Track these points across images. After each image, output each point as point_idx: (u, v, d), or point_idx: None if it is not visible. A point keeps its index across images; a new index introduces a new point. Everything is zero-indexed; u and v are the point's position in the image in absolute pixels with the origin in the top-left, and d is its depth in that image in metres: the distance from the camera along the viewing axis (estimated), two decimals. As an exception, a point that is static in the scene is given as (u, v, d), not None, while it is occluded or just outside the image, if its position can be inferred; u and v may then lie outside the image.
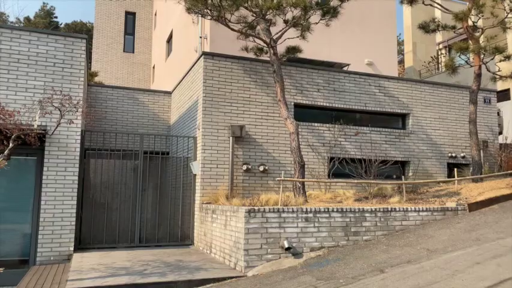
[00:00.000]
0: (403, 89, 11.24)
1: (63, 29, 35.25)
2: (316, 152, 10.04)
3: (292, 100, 10.00)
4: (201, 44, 13.06)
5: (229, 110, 9.49)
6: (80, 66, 8.36)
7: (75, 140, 8.14)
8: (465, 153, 11.55)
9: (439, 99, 11.63)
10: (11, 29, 8.11)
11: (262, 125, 9.73)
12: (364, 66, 14.28)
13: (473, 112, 10.18)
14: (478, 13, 10.09)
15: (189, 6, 8.79)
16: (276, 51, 9.14)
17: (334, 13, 9.53)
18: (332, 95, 10.49)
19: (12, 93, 7.82)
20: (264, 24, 9.09)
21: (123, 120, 12.06)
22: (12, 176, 8.17)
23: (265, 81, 9.89)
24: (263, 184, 9.42)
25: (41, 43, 8.14)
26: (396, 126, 11.33)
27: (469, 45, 10.02)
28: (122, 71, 23.09)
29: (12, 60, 7.91)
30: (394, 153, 10.80)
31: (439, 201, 8.42)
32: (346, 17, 10.24)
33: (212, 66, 9.49)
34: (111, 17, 23.29)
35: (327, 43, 13.58)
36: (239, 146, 9.38)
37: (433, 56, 19.39)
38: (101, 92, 11.98)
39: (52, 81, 8.09)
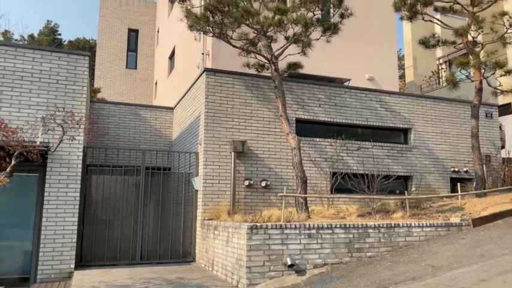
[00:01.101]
0: (404, 104, 11.27)
1: (67, 46, 35.63)
2: (319, 167, 10.01)
3: (293, 115, 10.03)
4: (203, 60, 13.16)
5: (231, 125, 9.51)
6: (82, 83, 8.42)
7: (77, 156, 8.14)
8: (468, 167, 11.50)
9: (440, 114, 11.64)
10: (15, 47, 8.20)
11: (264, 140, 9.73)
12: (365, 81, 14.34)
13: (475, 126, 10.17)
14: (478, 28, 10.18)
15: (191, 23, 8.90)
16: (277, 67, 9.20)
17: (334, 29, 9.62)
18: (333, 110, 10.51)
19: (15, 110, 7.87)
20: (265, 40, 9.17)
21: (125, 136, 12.08)
22: (13, 192, 8.15)
23: (267, 96, 9.93)
24: (265, 200, 9.37)
25: (44, 60, 8.22)
26: (398, 141, 11.31)
27: (470, 60, 10.07)
28: (125, 87, 23.25)
29: (15, 78, 7.97)
30: (397, 168, 10.76)
31: (442, 217, 8.35)
32: (347, 33, 10.32)
33: (214, 82, 9.55)
34: (114, 34, 23.57)
35: (327, 58, 13.67)
36: (241, 162, 9.36)
37: (434, 71, 19.48)
38: (103, 108, 12.04)
39: (55, 98, 8.14)
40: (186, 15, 9.00)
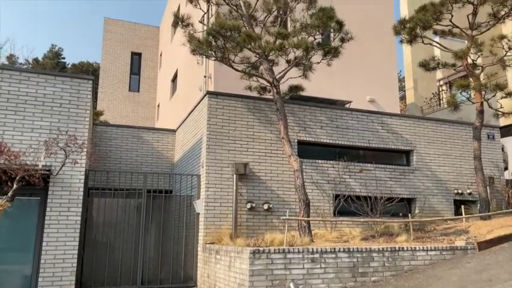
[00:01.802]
0: (406, 126, 11.28)
1: (70, 69, 36.09)
2: (321, 189, 9.96)
3: (295, 137, 10.04)
4: (205, 83, 13.29)
5: (233, 147, 9.51)
6: (85, 106, 8.48)
7: (79, 179, 8.13)
8: (471, 189, 11.42)
9: (442, 136, 11.64)
10: (20, 72, 8.30)
11: (266, 162, 9.72)
12: (366, 103, 14.41)
13: (478, 148, 10.14)
14: (477, 51, 10.28)
15: (194, 48, 9.02)
16: (279, 90, 9.27)
17: (335, 53, 9.73)
18: (335, 132, 10.53)
19: (18, 133, 7.90)
20: (266, 64, 9.27)
21: (127, 158, 12.09)
22: (14, 216, 8.07)
23: (269, 118, 9.97)
24: (267, 223, 9.28)
25: (48, 84, 8.30)
26: (400, 162, 11.28)
27: (470, 82, 10.14)
28: (127, 109, 23.42)
29: (19, 102, 8.04)
30: (400, 190, 10.70)
31: (447, 240, 8.25)
32: (347, 55, 10.43)
33: (216, 104, 9.61)
34: (118, 57, 23.90)
35: (328, 81, 13.78)
36: (243, 184, 9.33)
37: (434, 93, 19.57)
38: (105, 131, 12.09)
39: (58, 122, 8.18)
40: (189, 40, 9.14)
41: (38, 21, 53.40)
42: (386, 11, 15.83)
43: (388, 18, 15.51)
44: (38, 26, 53.11)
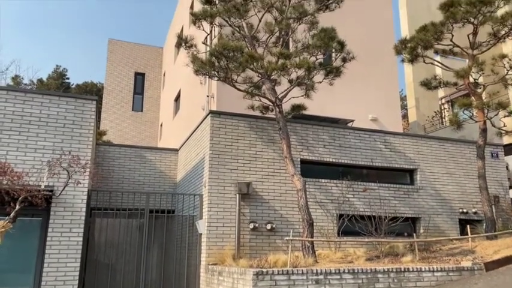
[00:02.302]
0: (409, 145, 11.26)
1: (74, 89, 36.44)
2: (325, 209, 9.88)
3: (298, 156, 10.02)
4: (208, 102, 13.36)
5: (235, 166, 9.49)
6: (89, 126, 8.52)
7: (82, 200, 8.09)
8: (477, 208, 11.30)
9: (445, 154, 11.60)
10: (24, 92, 8.38)
11: (269, 182, 9.67)
12: (368, 122, 14.43)
13: (482, 167, 10.08)
14: (479, 70, 10.33)
15: (197, 68, 9.10)
16: (282, 109, 9.30)
17: (337, 73, 9.81)
18: (338, 151, 10.50)
19: (21, 154, 7.91)
20: (269, 84, 9.33)
21: (129, 178, 12.07)
22: (15, 236, 7.99)
23: (271, 137, 9.98)
24: (271, 243, 9.18)
25: (52, 105, 8.36)
26: (404, 181, 11.21)
27: (472, 101, 10.16)
28: (130, 129, 23.52)
29: (23, 122, 8.09)
30: (404, 209, 10.59)
31: (453, 260, 8.11)
32: (349, 75, 10.50)
33: (219, 124, 9.63)
34: (121, 77, 24.15)
35: (330, 99, 13.83)
36: (246, 204, 9.27)
37: (436, 111, 19.59)
38: (108, 151, 12.11)
39: (61, 142, 8.20)
40: (192, 61, 9.23)
41: (43, 42, 54.27)
42: (387, 31, 16.00)
43: (389, 38, 15.66)
44: (44, 47, 53.94)
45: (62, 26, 55.46)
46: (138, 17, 60.73)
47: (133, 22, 61.19)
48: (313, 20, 9.82)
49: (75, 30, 56.17)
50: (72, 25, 55.55)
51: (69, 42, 55.57)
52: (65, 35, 55.51)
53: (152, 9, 61.34)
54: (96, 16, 58.83)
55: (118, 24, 60.19)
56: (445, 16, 10.08)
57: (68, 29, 55.56)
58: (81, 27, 56.41)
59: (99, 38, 59.36)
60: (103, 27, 58.17)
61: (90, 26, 57.59)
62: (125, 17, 61.30)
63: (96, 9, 59.00)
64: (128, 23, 60.96)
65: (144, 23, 61.12)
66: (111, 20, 59.96)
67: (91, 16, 57.90)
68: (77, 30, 56.40)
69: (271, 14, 9.86)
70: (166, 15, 57.63)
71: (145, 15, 60.54)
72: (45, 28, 54.50)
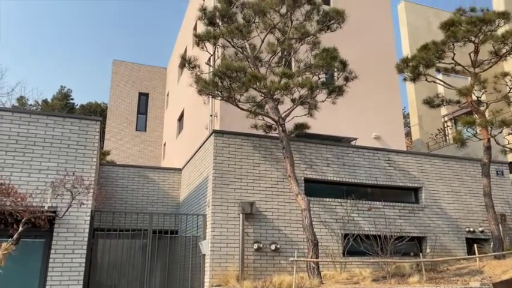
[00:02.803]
0: (413, 163, 11.21)
1: (79, 109, 36.73)
2: (329, 228, 9.78)
3: (302, 175, 9.98)
4: (212, 121, 13.42)
5: (239, 186, 9.46)
6: (93, 147, 8.55)
7: (85, 220, 8.06)
8: (483, 227, 11.16)
9: (450, 172, 11.53)
10: (29, 114, 8.45)
11: (273, 201, 9.61)
12: (371, 140, 14.42)
13: (487, 185, 10.00)
14: (481, 88, 10.36)
15: (201, 88, 9.17)
16: (285, 128, 9.32)
17: (339, 92, 9.86)
18: (342, 170, 10.47)
19: (26, 175, 7.93)
20: (272, 103, 9.38)
21: (132, 198, 12.03)
22: (18, 258, 7.94)
23: (275, 156, 9.97)
24: (275, 264, 9.06)
25: (57, 126, 8.42)
26: (409, 200, 11.12)
27: (475, 119, 10.15)
28: (134, 148, 23.59)
29: (28, 143, 8.13)
30: (410, 228, 10.48)
31: (461, 281, 7.97)
32: (352, 93, 10.55)
33: (222, 143, 9.64)
34: (125, 97, 24.35)
35: (333, 118, 13.86)
36: (249, 224, 9.19)
37: (440, 129, 19.58)
38: (112, 171, 12.12)
39: (65, 162, 8.23)
40: (196, 81, 9.31)
41: (48, 63, 55.06)
42: (388, 49, 16.13)
43: (391, 56, 15.80)
44: (49, 68, 54.69)
45: (66, 47, 56.35)
46: (142, 37, 61.68)
47: (137, 43, 62.11)
48: (315, 40, 9.93)
49: (80, 51, 57.03)
50: (77, 46, 56.43)
51: (74, 64, 56.36)
52: (70, 56, 56.34)
53: (157, 30, 62.33)
54: (100, 37, 59.80)
55: (122, 45, 61.10)
56: (446, 35, 10.17)
57: (73, 50, 56.42)
58: (85, 48, 57.28)
59: (104, 58, 60.19)
60: (108, 48, 59.02)
61: (95, 47, 58.47)
62: (129, 38, 62.28)
63: (101, 29, 60.03)
64: (132, 43, 61.87)
65: (148, 43, 62.02)
66: (115, 41, 60.88)
67: (95, 37, 58.86)
68: (82, 51, 57.26)
69: (273, 34, 9.98)
70: (170, 36, 58.51)
71: (149, 36, 61.49)
72: (50, 50, 55.37)
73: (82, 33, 55.67)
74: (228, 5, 9.84)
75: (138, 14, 60.91)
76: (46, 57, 54.27)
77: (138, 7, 60.80)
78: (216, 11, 9.86)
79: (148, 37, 60.93)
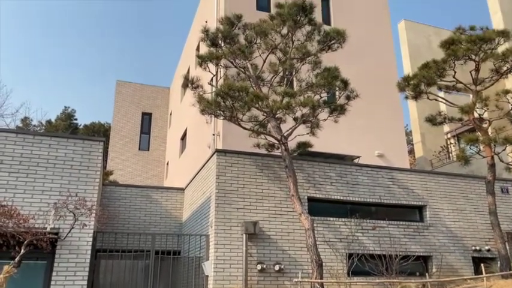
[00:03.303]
0: (417, 181, 11.14)
1: (82, 130, 36.93)
2: (334, 248, 9.67)
3: (305, 194, 9.93)
4: (214, 140, 13.44)
5: (242, 205, 9.41)
6: (96, 167, 8.57)
7: (87, 242, 8.01)
8: (490, 246, 11.01)
9: (454, 190, 11.44)
10: (33, 135, 8.51)
11: (276, 221, 9.54)
12: (374, 157, 14.37)
13: (492, 203, 9.91)
14: (483, 106, 10.37)
15: (203, 108, 9.22)
16: (287, 147, 9.32)
17: (341, 110, 9.89)
18: (345, 188, 10.41)
19: (28, 196, 7.93)
20: (274, 122, 9.41)
21: (135, 218, 11.98)
22: (19, 281, 7.86)
23: (278, 175, 9.94)
24: (279, 285, 8.94)
25: (60, 147, 8.46)
26: (414, 218, 11.02)
27: (478, 136, 10.13)
28: (136, 168, 23.61)
29: (31, 164, 8.16)
30: (415, 247, 10.34)
31: (469, 301, 7.82)
32: (354, 111, 10.58)
33: (225, 162, 9.64)
34: (129, 117, 24.51)
35: (336, 136, 13.86)
36: (253, 244, 9.10)
37: (443, 146, 19.53)
38: (114, 191, 12.09)
39: (68, 183, 8.23)
40: (199, 101, 9.37)
41: (52, 84, 55.68)
42: (389, 67, 16.23)
43: (392, 74, 15.89)
44: (53, 88, 55.29)
45: (71, 67, 57.07)
46: (146, 58, 62.45)
47: (141, 63, 62.86)
48: (316, 60, 10.02)
49: (84, 71, 57.72)
50: (81, 67, 57.16)
51: (78, 84, 56.97)
52: (74, 77, 56.99)
53: (160, 50, 63.15)
54: (104, 57, 60.60)
55: (126, 64, 61.84)
56: (446, 54, 10.25)
57: (77, 71, 57.12)
58: (89, 68, 58.00)
59: (108, 78, 60.83)
60: (111, 68, 59.75)
61: (98, 67, 59.19)
62: (133, 57, 63.07)
63: (104, 50, 60.86)
64: (136, 63, 62.63)
65: (151, 63, 62.77)
66: (119, 61, 61.67)
67: (99, 57, 59.65)
68: (86, 71, 57.96)
69: (275, 55, 10.09)
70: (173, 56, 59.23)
71: (153, 56, 62.27)
72: (55, 70, 56.10)
73: (86, 54, 56.46)
74: (230, 26, 9.98)
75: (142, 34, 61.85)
76: (50, 78, 54.93)
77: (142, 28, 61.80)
78: (219, 33, 10.00)
79: (152, 57, 61.69)
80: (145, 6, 61.73)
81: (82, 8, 55.88)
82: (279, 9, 9.88)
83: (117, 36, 62.12)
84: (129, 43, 62.47)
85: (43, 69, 54.53)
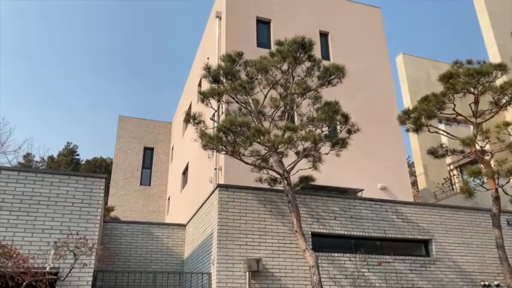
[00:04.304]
0: (421, 214, 11.01)
1: (84, 165, 36.98)
2: (339, 285, 9.43)
3: (309, 229, 9.79)
4: (216, 175, 13.41)
5: (244, 242, 9.26)
6: (97, 204, 8.50)
7: (87, 281, 7.82)
8: (499, 280, 10.73)
9: (460, 223, 11.28)
10: (35, 173, 8.49)
11: (280, 257, 9.36)
12: (377, 191, 14.28)
13: (499, 236, 9.74)
14: (484, 138, 10.39)
15: (205, 143, 9.25)
16: (290, 182, 9.28)
17: (343, 144, 9.91)
18: (349, 223, 10.27)
19: (28, 235, 7.83)
20: (276, 156, 9.41)
21: (136, 256, 11.76)
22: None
23: (281, 210, 9.83)
24: (284, 325, 8.66)
25: (62, 184, 8.43)
26: (420, 253, 10.80)
27: (481, 169, 10.09)
28: (138, 203, 23.45)
29: (33, 202, 8.10)
30: (422, 283, 10.09)
31: None
32: (355, 144, 10.59)
33: (227, 198, 9.56)
34: (130, 152, 24.60)
35: (338, 169, 13.83)
36: (256, 282, 8.89)
37: (446, 178, 19.44)
38: (116, 228, 11.95)
39: (69, 221, 8.14)
40: (200, 136, 9.42)
41: (55, 121, 56.24)
42: (389, 100, 16.42)
43: (392, 106, 16.06)
44: (55, 125, 55.79)
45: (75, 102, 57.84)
46: (148, 93, 63.37)
47: (143, 98, 63.71)
48: (316, 95, 10.14)
49: (87, 106, 58.44)
50: (83, 102, 57.93)
51: (81, 119, 57.55)
52: (77, 112, 57.65)
53: (162, 86, 64.17)
54: (107, 93, 61.52)
55: (129, 99, 62.66)
56: (445, 87, 10.38)
57: (80, 106, 57.84)
58: (91, 104, 58.76)
59: (110, 113, 61.52)
60: (114, 104, 60.53)
61: (100, 103, 59.98)
62: (136, 93, 64.00)
63: (108, 87, 61.86)
64: (138, 98, 63.47)
65: (154, 98, 63.61)
66: (122, 96, 62.55)
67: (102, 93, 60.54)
68: (89, 107, 58.69)
69: (276, 90, 10.23)
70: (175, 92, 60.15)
71: (155, 91, 63.20)
72: (58, 106, 56.84)
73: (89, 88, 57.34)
74: (232, 63, 10.17)
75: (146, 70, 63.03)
76: (54, 112, 55.55)
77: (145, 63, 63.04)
78: (220, 70, 10.18)
79: (154, 92, 62.60)
80: (148, 42, 63.25)
81: (87, 43, 57.30)
82: (279, 46, 10.10)
83: (121, 71, 63.32)
84: (133, 78, 63.58)
85: (47, 105, 55.25)
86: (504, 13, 20.45)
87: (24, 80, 49.82)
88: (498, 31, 19.58)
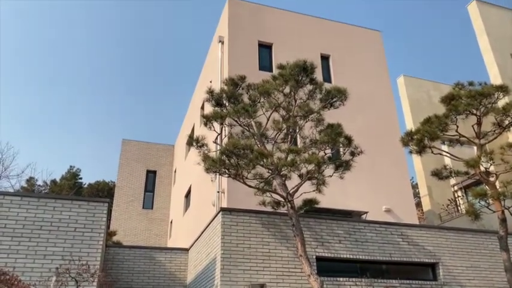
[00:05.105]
0: (427, 237, 10.86)
1: (87, 188, 36.91)
2: (345, 311, 9.23)
3: (313, 253, 9.65)
4: (219, 198, 13.34)
5: (248, 267, 9.11)
6: (100, 229, 8.43)
7: (88, 309, 7.69)
8: (509, 305, 10.47)
9: (467, 246, 11.10)
10: (38, 198, 8.46)
11: (284, 282, 9.19)
12: (382, 213, 14.14)
13: (507, 259, 9.55)
14: (488, 160, 10.33)
15: (208, 166, 9.23)
16: (294, 205, 9.20)
17: (346, 166, 9.88)
18: (354, 246, 10.13)
19: (30, 261, 7.75)
20: (279, 179, 9.37)
21: (138, 281, 11.58)
22: None
23: (284, 234, 9.72)
24: None
25: (64, 209, 8.39)
26: (426, 277, 10.60)
27: (486, 190, 9.99)
28: (140, 227, 23.28)
29: (35, 228, 8.05)
30: (430, 308, 9.86)
31: None
32: (359, 166, 10.55)
33: (230, 221, 9.48)
34: (133, 176, 24.58)
35: (342, 192, 13.74)
36: (261, 308, 8.71)
37: (451, 199, 19.27)
38: (118, 253, 11.81)
39: (71, 247, 8.07)
40: (203, 159, 9.41)
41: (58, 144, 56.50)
42: (391, 122, 16.45)
43: (394, 128, 16.08)
44: (58, 149, 56.02)
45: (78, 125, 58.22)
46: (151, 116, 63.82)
47: (146, 121, 64.13)
48: (318, 117, 10.17)
49: (89, 130, 58.80)
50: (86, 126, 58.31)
51: (84, 142, 57.82)
52: (81, 135, 57.98)
53: (165, 109, 64.66)
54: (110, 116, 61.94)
55: (131, 122, 63.05)
56: (447, 109, 10.39)
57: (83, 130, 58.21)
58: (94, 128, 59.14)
59: (113, 137, 61.79)
60: (117, 127, 60.90)
61: (102, 127, 60.36)
62: (138, 115, 64.45)
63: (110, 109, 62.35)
64: (141, 121, 63.88)
65: (156, 121, 64.01)
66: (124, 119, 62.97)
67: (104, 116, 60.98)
68: (91, 130, 59.05)
69: (278, 113, 10.27)
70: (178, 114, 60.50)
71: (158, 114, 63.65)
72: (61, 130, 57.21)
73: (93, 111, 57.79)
74: (234, 87, 10.26)
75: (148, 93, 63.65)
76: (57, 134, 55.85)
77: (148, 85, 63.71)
78: (223, 93, 10.27)
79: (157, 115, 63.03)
80: (150, 66, 64.09)
81: (88, 66, 58.07)
82: (281, 70, 10.21)
83: (124, 94, 63.95)
84: (136, 102, 64.15)
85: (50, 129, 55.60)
86: (504, 34, 20.69)
87: (24, 101, 50.34)
88: (498, 53, 19.77)
